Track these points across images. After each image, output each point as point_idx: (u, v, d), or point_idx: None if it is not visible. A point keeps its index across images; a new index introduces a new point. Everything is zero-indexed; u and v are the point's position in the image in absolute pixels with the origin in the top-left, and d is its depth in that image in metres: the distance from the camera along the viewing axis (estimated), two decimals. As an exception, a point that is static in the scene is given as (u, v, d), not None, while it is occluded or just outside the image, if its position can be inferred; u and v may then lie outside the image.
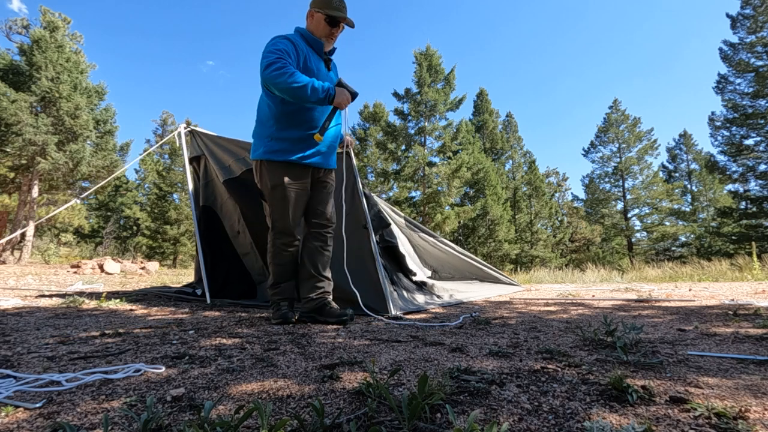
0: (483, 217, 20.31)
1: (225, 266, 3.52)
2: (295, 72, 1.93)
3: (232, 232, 3.56)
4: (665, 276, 8.39)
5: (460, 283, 4.20)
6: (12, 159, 13.17)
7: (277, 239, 2.18)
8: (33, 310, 2.58)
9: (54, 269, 9.02)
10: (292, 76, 1.90)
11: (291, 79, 1.90)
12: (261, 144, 2.17)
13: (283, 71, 1.90)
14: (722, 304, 2.86)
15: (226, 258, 3.54)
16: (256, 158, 2.20)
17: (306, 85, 1.91)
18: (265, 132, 2.17)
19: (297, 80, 1.90)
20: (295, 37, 2.14)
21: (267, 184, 2.16)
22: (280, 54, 1.97)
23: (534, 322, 2.16)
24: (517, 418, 0.81)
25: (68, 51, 14.60)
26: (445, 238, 4.80)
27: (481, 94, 27.17)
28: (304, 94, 1.92)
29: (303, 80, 1.91)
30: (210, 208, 3.65)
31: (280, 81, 1.90)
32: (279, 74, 1.90)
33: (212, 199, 3.67)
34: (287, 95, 1.96)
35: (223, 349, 1.47)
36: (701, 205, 29.05)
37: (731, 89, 19.52)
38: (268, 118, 2.17)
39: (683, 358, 1.32)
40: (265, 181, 2.17)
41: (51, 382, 1.05)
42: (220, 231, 3.60)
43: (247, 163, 3.22)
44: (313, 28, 2.19)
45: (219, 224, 3.62)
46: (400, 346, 1.52)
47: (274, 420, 0.79)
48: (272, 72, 1.91)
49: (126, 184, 30.83)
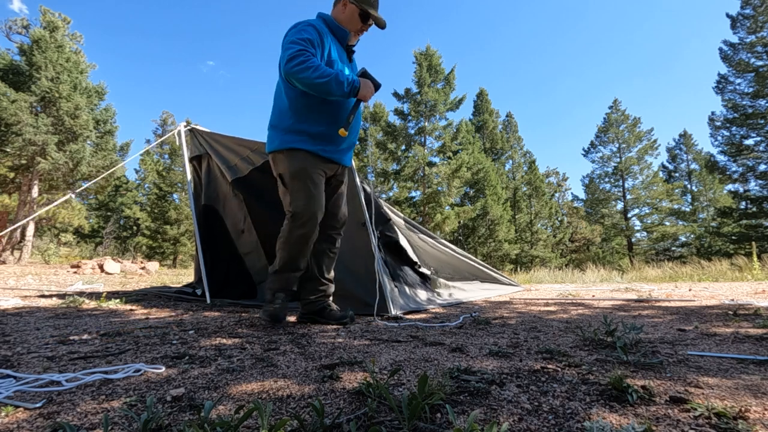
0: (483, 217, 20.32)
1: (225, 266, 3.52)
2: (319, 66, 1.81)
3: (236, 231, 3.55)
4: (665, 276, 8.39)
5: (460, 282, 4.21)
6: (12, 159, 13.18)
7: (297, 229, 1.98)
8: (33, 310, 2.58)
9: (54, 269, 9.02)
10: (317, 71, 1.78)
11: (315, 74, 1.78)
12: (278, 136, 2.04)
13: (306, 65, 1.78)
14: (722, 304, 2.86)
15: (227, 257, 3.54)
16: (273, 150, 2.05)
17: (330, 80, 1.79)
18: (283, 124, 2.03)
19: (322, 75, 1.78)
20: (320, 25, 1.99)
21: (287, 171, 2.01)
22: (304, 45, 1.84)
23: (534, 322, 2.16)
24: (517, 418, 0.81)
25: (68, 51, 14.61)
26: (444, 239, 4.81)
27: (481, 94, 27.18)
28: (329, 89, 1.82)
29: (327, 74, 1.79)
30: (212, 207, 3.65)
31: (304, 76, 1.78)
32: (302, 68, 1.78)
33: (214, 197, 3.66)
34: (311, 90, 1.85)
35: (223, 349, 1.47)
36: (701, 205, 29.06)
37: (731, 89, 19.54)
38: (286, 110, 2.03)
39: (683, 358, 1.31)
40: (285, 167, 2.01)
41: (51, 382, 1.04)
42: (221, 230, 3.59)
43: (253, 161, 3.22)
44: (342, 18, 2.08)
45: (221, 223, 3.61)
46: (400, 346, 1.52)
47: (274, 420, 0.79)
48: (295, 66, 1.78)
49: (126, 184, 30.84)
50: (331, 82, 1.79)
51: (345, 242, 2.46)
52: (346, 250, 2.48)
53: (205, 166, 3.69)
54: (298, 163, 1.99)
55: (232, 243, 3.56)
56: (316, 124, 2.01)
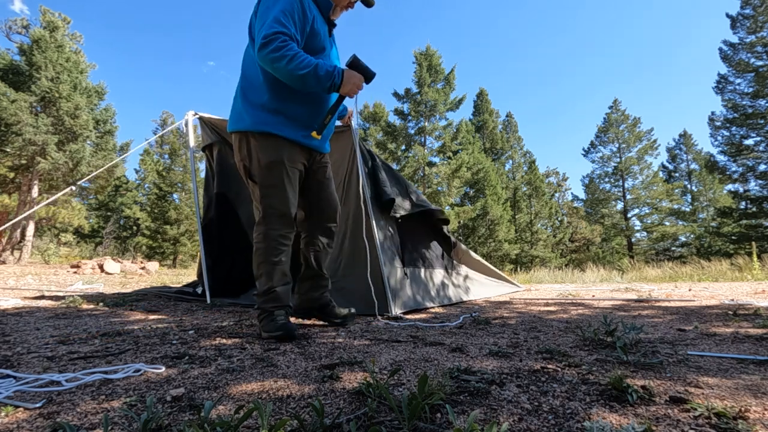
0: (483, 217, 20.32)
1: (230, 257, 3.49)
2: (297, 53, 1.60)
3: (249, 221, 3.51)
4: (665, 276, 8.39)
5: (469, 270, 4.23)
6: (12, 159, 13.18)
7: (273, 230, 1.79)
8: (33, 310, 2.58)
9: (54, 269, 9.02)
10: (293, 60, 1.58)
11: (292, 64, 1.58)
12: (249, 113, 1.76)
13: (282, 53, 1.58)
14: (722, 304, 2.86)
15: (234, 247, 3.50)
16: (241, 129, 1.78)
17: (309, 73, 1.60)
18: (256, 99, 1.76)
19: (300, 65, 1.59)
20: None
21: (259, 162, 1.76)
22: (283, 28, 1.61)
23: (534, 322, 2.16)
24: (517, 418, 0.81)
25: (68, 51, 14.61)
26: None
27: (481, 94, 27.19)
28: (307, 84, 1.63)
29: (306, 65, 1.60)
30: (224, 195, 3.60)
31: (279, 66, 1.59)
32: (278, 57, 1.58)
33: (227, 186, 3.59)
34: (286, 81, 1.65)
35: (223, 349, 1.47)
36: (701, 205, 29.06)
37: (731, 89, 19.54)
38: (260, 83, 1.76)
39: (683, 358, 1.32)
40: (257, 157, 1.77)
41: (51, 382, 1.04)
42: (231, 218, 3.57)
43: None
44: None
45: (233, 212, 3.58)
46: (400, 346, 1.52)
47: (274, 420, 0.79)
48: (270, 53, 1.58)
49: (126, 184, 30.85)
50: (308, 75, 1.61)
51: (346, 240, 2.44)
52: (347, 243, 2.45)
53: (217, 154, 3.61)
54: (273, 154, 1.76)
55: (244, 232, 3.53)
56: (296, 105, 1.78)
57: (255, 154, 1.77)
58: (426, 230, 3.48)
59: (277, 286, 1.77)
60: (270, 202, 1.79)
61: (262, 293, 1.77)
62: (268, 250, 1.78)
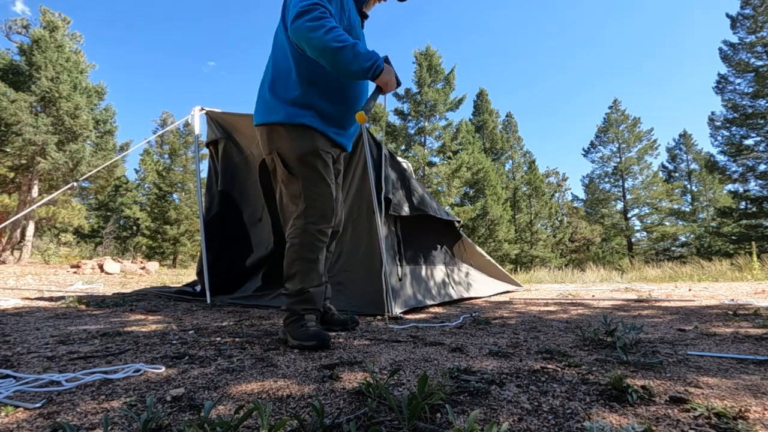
0: (483, 217, 20.32)
1: (232, 253, 3.49)
2: (336, 27, 1.46)
3: (252, 219, 3.46)
4: (665, 276, 8.39)
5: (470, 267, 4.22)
6: (12, 159, 13.18)
7: (312, 225, 1.62)
8: (33, 310, 2.58)
9: (54, 269, 9.02)
10: (331, 32, 1.43)
11: (330, 35, 1.42)
12: (279, 107, 1.63)
13: (322, 22, 1.43)
14: (722, 304, 2.86)
15: (236, 246, 3.50)
16: (272, 122, 1.64)
17: (347, 47, 1.43)
18: (288, 94, 1.63)
19: (338, 38, 1.43)
20: None
21: (293, 152, 1.62)
22: (322, 2, 1.49)
23: (534, 322, 2.16)
24: (517, 418, 0.81)
25: (68, 51, 14.60)
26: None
27: (481, 94, 27.19)
28: (344, 58, 1.44)
29: (345, 39, 1.44)
30: (228, 193, 3.57)
31: (315, 36, 1.42)
32: (315, 26, 1.42)
33: (231, 183, 3.57)
34: (321, 56, 1.47)
35: (223, 349, 1.47)
36: (701, 205, 29.06)
37: (731, 89, 19.55)
38: (293, 77, 1.62)
39: (683, 358, 1.32)
40: (289, 148, 1.62)
41: (51, 382, 1.04)
42: (234, 217, 3.55)
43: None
44: None
45: (236, 210, 3.57)
46: (400, 346, 1.52)
47: (274, 420, 0.79)
48: (307, 22, 1.43)
49: (126, 184, 30.85)
50: (347, 49, 1.43)
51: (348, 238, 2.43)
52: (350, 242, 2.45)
53: (222, 151, 3.57)
54: (308, 144, 1.63)
55: (246, 232, 3.51)
56: (328, 101, 1.67)
57: (287, 145, 1.64)
58: (428, 226, 3.47)
59: (310, 287, 1.63)
60: (310, 195, 1.65)
61: (293, 293, 1.63)
62: (304, 246, 1.63)
